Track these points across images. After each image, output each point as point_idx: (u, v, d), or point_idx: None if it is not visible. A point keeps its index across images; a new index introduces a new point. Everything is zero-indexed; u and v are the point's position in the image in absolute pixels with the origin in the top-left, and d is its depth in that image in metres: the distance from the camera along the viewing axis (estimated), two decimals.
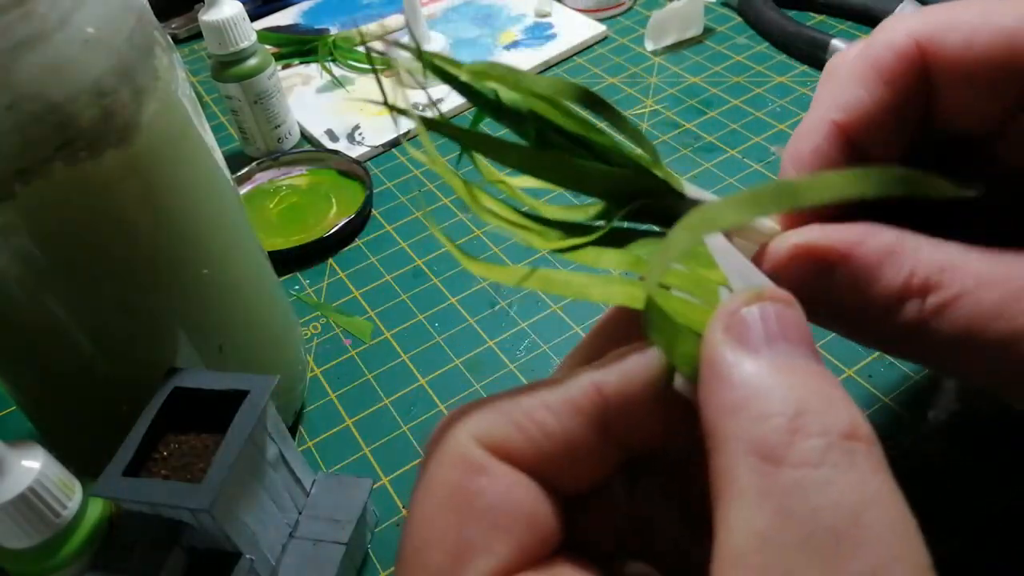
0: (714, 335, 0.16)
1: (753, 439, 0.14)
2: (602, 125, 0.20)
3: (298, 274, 0.57)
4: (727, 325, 0.16)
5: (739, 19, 0.75)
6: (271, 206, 0.62)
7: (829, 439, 0.13)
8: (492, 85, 0.18)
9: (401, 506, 0.42)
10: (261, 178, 0.64)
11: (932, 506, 0.35)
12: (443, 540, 0.15)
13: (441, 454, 0.16)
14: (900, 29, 0.20)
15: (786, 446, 0.13)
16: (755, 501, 0.13)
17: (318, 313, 0.54)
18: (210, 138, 0.37)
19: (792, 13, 0.72)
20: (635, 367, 0.17)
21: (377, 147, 0.66)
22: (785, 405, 0.14)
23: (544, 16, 0.78)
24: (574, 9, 0.78)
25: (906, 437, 0.39)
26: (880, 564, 0.12)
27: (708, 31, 0.74)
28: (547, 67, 0.73)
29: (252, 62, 0.62)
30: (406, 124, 0.67)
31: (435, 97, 0.70)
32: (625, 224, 0.21)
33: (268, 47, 0.73)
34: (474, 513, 0.15)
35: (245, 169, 0.63)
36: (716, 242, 0.18)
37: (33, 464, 0.30)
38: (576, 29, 0.76)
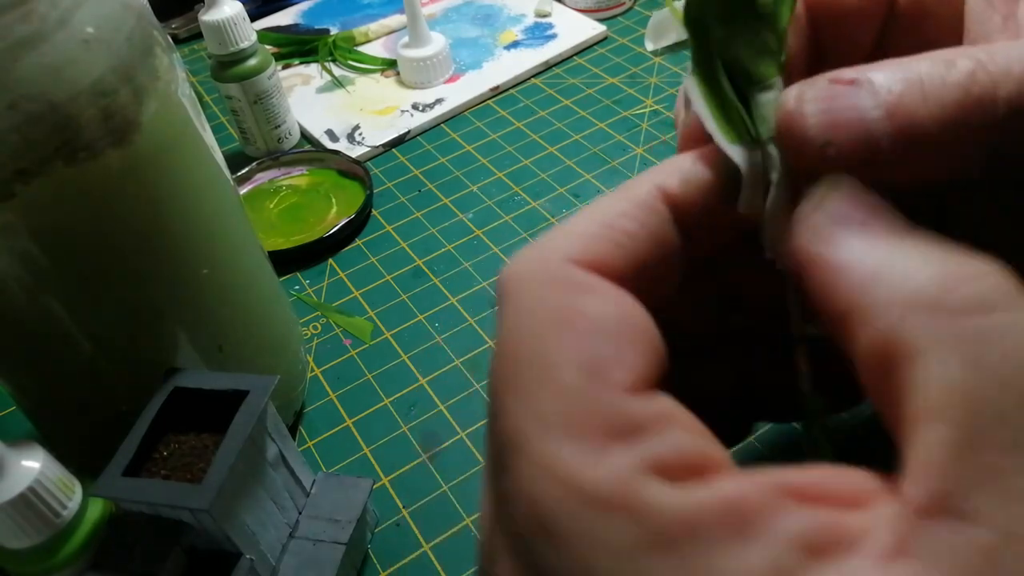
0: (814, 226, 0.15)
1: (910, 296, 0.13)
2: None
3: (298, 274, 0.57)
4: (817, 220, 0.15)
5: None
6: (271, 206, 0.62)
7: (986, 282, 0.13)
8: None
9: (401, 506, 0.42)
10: (261, 178, 0.64)
11: None
12: (569, 357, 0.14)
13: (533, 283, 0.16)
14: None
15: (949, 294, 0.13)
16: (938, 355, 0.12)
17: (318, 313, 0.54)
18: (210, 138, 0.37)
19: None
20: (692, 171, 0.18)
21: (377, 147, 0.66)
22: (926, 267, 0.13)
23: (544, 16, 0.78)
24: (574, 9, 0.78)
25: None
26: None
27: None
28: (547, 67, 0.73)
29: (252, 62, 0.62)
30: (407, 125, 0.67)
31: (436, 97, 0.70)
32: None
33: (268, 47, 0.73)
34: (596, 329, 0.15)
35: (245, 169, 0.63)
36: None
37: (33, 464, 0.30)
38: (576, 29, 0.76)
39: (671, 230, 0.17)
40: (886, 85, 0.15)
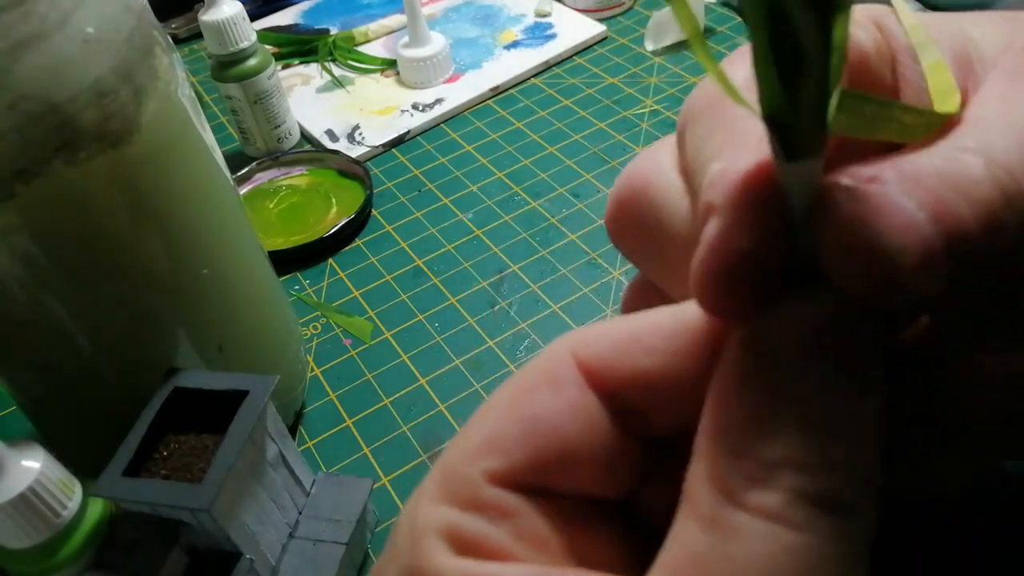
0: (740, 340, 0.14)
1: (717, 471, 0.13)
2: None
3: (298, 274, 0.57)
4: (754, 333, 0.14)
5: (739, 19, 0.75)
6: (271, 206, 0.62)
7: (789, 497, 0.13)
8: None
9: (401, 506, 0.42)
10: (261, 178, 0.64)
11: None
12: (482, 427, 0.16)
13: (537, 360, 0.16)
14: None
15: (743, 490, 0.13)
16: (702, 526, 0.13)
17: (318, 313, 0.54)
18: (210, 138, 0.37)
19: None
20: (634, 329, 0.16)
21: (377, 147, 0.66)
22: (764, 449, 0.13)
23: (544, 16, 0.78)
24: (574, 9, 0.78)
25: None
26: None
27: (708, 31, 0.74)
28: (547, 67, 0.73)
29: (252, 62, 0.62)
30: (407, 125, 0.67)
31: (436, 97, 0.70)
32: None
33: (268, 47, 0.73)
34: (520, 416, 0.16)
35: (245, 169, 0.63)
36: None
37: (33, 464, 0.30)
38: (576, 29, 0.76)
39: (597, 413, 0.16)
40: (914, 183, 0.13)
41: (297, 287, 0.56)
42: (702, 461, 0.14)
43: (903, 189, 0.13)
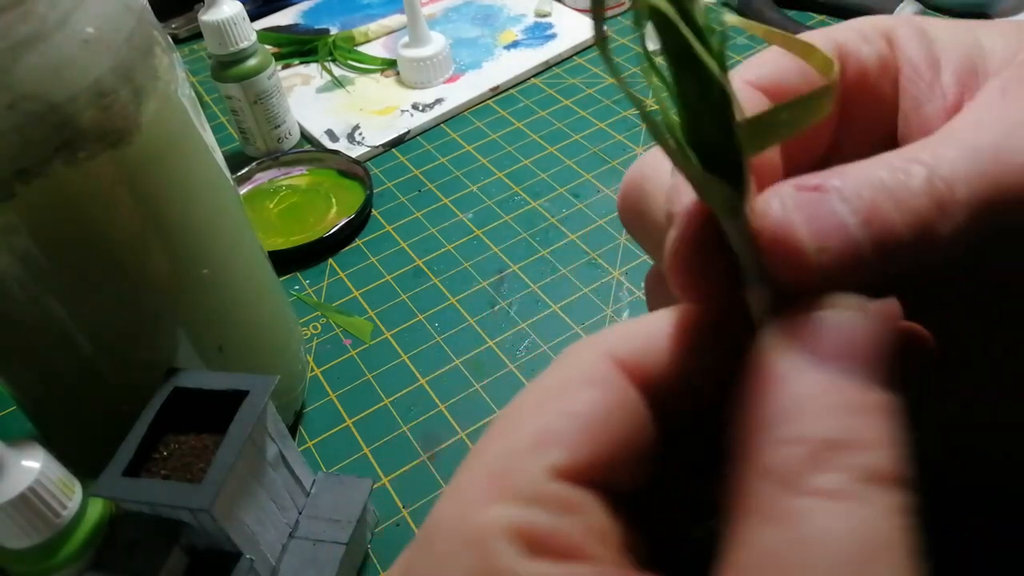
0: (772, 336, 0.15)
1: (772, 463, 0.14)
2: None
3: (298, 274, 0.57)
4: (791, 329, 0.15)
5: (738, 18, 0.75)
6: (271, 206, 0.62)
7: (851, 475, 0.13)
8: None
9: (401, 506, 0.42)
10: (261, 178, 0.64)
11: None
12: (532, 425, 0.16)
13: (565, 363, 0.17)
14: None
15: (802, 475, 0.13)
16: (765, 520, 0.13)
17: (318, 313, 0.54)
18: (210, 138, 0.37)
19: (792, 13, 0.72)
20: (655, 325, 0.17)
21: (377, 147, 0.66)
22: (816, 432, 0.14)
23: (544, 16, 0.78)
24: (574, 9, 0.78)
25: None
26: None
27: (708, 31, 0.74)
28: (547, 67, 0.73)
29: (252, 62, 0.62)
30: (407, 125, 0.67)
31: (436, 97, 0.70)
32: None
33: (268, 47, 0.73)
34: (572, 412, 0.16)
35: (245, 169, 0.63)
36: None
37: (33, 464, 0.30)
38: (576, 29, 0.76)
39: (642, 407, 0.16)
40: (855, 191, 0.15)
41: (297, 287, 0.56)
42: (750, 459, 0.14)
43: (842, 196, 0.15)
